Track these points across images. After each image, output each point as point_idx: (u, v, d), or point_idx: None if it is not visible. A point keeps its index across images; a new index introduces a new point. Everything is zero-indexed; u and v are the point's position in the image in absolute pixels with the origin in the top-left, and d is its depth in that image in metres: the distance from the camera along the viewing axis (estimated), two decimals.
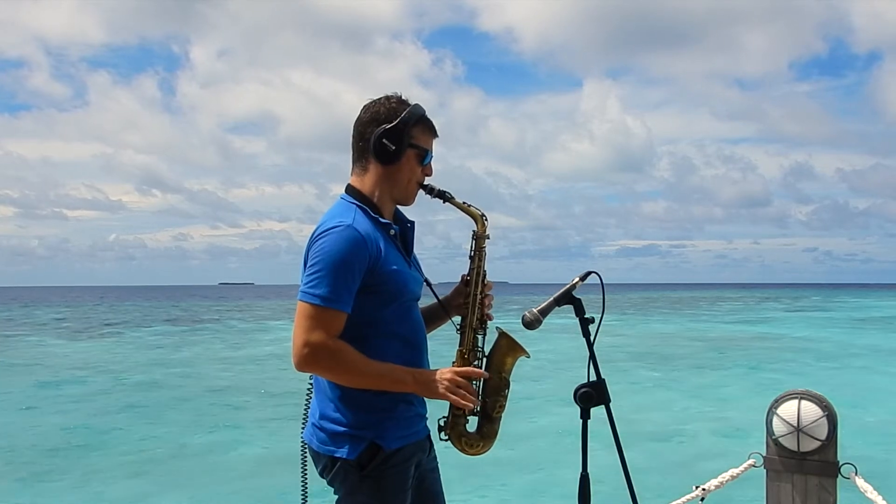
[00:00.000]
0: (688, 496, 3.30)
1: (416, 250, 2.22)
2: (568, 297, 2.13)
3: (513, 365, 2.16)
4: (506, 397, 2.15)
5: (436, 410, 2.16)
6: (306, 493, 2.23)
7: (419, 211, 2.25)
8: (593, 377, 2.10)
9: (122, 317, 52.25)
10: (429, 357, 2.18)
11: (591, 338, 2.11)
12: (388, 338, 2.04)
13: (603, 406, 2.09)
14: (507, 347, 2.15)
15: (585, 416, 2.09)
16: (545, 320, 2.11)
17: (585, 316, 2.10)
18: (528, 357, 2.16)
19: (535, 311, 2.10)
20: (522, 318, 2.10)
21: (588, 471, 2.07)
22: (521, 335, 2.20)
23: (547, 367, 19.34)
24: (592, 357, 2.10)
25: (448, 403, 2.08)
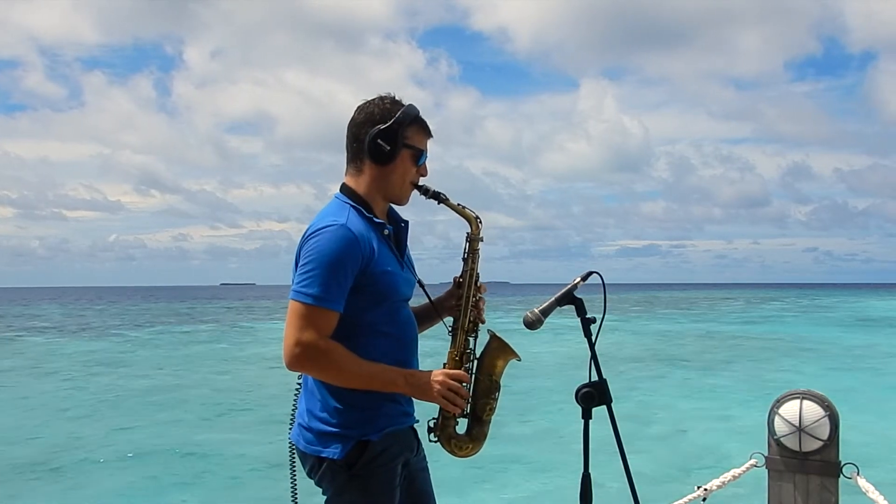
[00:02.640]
0: (690, 496, 3.29)
1: (414, 250, 2.23)
2: (569, 298, 2.12)
3: (504, 367, 2.16)
4: (496, 400, 2.14)
5: (424, 412, 2.15)
6: (296, 494, 2.23)
7: (418, 211, 2.25)
8: (595, 377, 2.09)
9: (122, 317, 52.29)
10: (418, 356, 2.17)
11: (593, 338, 2.10)
12: (377, 337, 2.03)
13: (604, 406, 2.08)
14: (499, 350, 2.15)
15: (587, 416, 2.09)
16: (546, 320, 2.10)
17: (587, 316, 2.09)
18: (519, 360, 2.15)
19: (536, 311, 2.09)
20: (524, 318, 2.09)
21: (590, 471, 2.07)
22: (522, 335, 2.19)
23: (548, 367, 19.34)
24: (594, 357, 2.10)
25: (438, 405, 2.08)
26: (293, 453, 2.13)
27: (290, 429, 2.14)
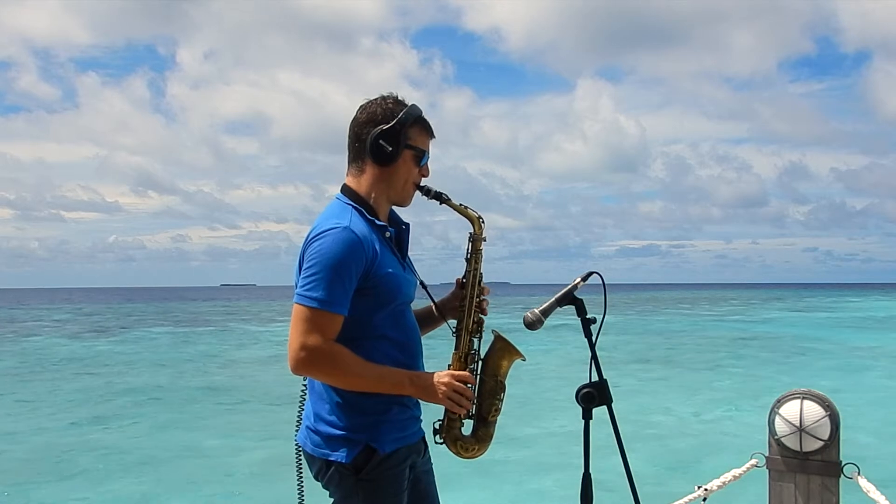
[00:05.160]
0: (690, 496, 3.30)
1: (413, 251, 2.21)
2: (570, 298, 2.11)
3: (508, 368, 2.15)
4: (501, 400, 2.14)
5: (430, 413, 2.15)
6: (303, 496, 2.22)
7: (417, 212, 2.25)
8: (595, 377, 2.09)
9: (123, 318, 52.29)
10: (423, 359, 2.16)
11: (593, 338, 2.10)
12: (381, 340, 2.02)
13: (605, 406, 2.08)
14: (503, 350, 2.14)
15: (587, 416, 2.09)
16: (547, 321, 2.10)
17: (587, 316, 2.09)
18: (524, 360, 2.15)
19: (536, 311, 2.08)
20: (524, 319, 2.08)
21: (590, 471, 2.07)
22: (522, 335, 2.19)
23: (549, 367, 19.34)
24: (594, 357, 2.09)
25: (443, 406, 2.08)
26: (300, 455, 2.12)
27: (297, 431, 2.13)
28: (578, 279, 2.14)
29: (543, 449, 10.31)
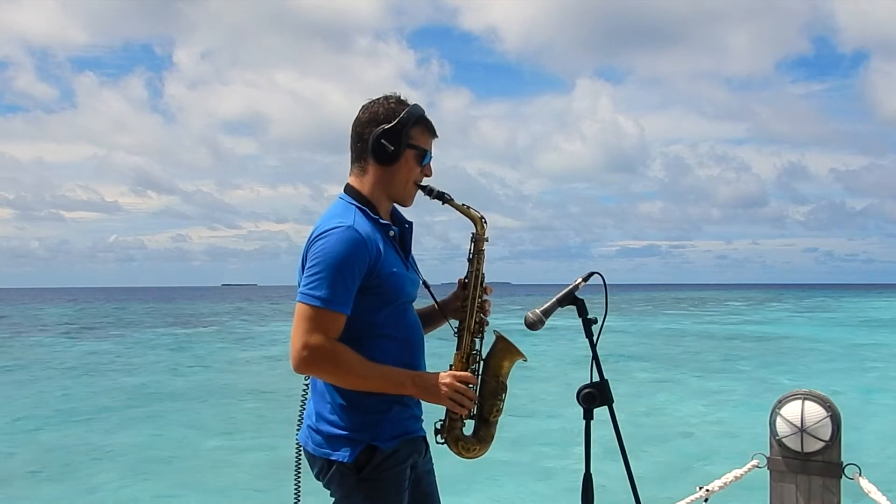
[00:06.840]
0: (691, 497, 3.29)
1: (414, 251, 2.22)
2: (571, 298, 2.11)
3: (510, 368, 2.15)
4: (503, 401, 2.14)
5: (432, 413, 2.15)
6: (299, 495, 2.22)
7: (417, 212, 2.25)
8: (596, 378, 2.09)
9: (124, 318, 52.30)
10: (426, 358, 2.17)
11: (594, 338, 2.10)
12: (383, 339, 2.03)
13: (606, 406, 2.08)
14: (505, 351, 2.14)
15: (588, 416, 2.09)
16: (548, 321, 2.10)
17: (588, 316, 2.09)
18: (526, 361, 2.15)
19: (537, 311, 2.09)
20: (525, 319, 2.09)
21: (591, 471, 2.07)
22: (523, 335, 2.19)
23: (550, 367, 19.33)
24: (595, 358, 2.09)
25: (445, 406, 2.08)
26: (300, 454, 2.13)
27: (298, 430, 2.14)
28: (579, 279, 2.14)
29: (544, 449, 10.31)
